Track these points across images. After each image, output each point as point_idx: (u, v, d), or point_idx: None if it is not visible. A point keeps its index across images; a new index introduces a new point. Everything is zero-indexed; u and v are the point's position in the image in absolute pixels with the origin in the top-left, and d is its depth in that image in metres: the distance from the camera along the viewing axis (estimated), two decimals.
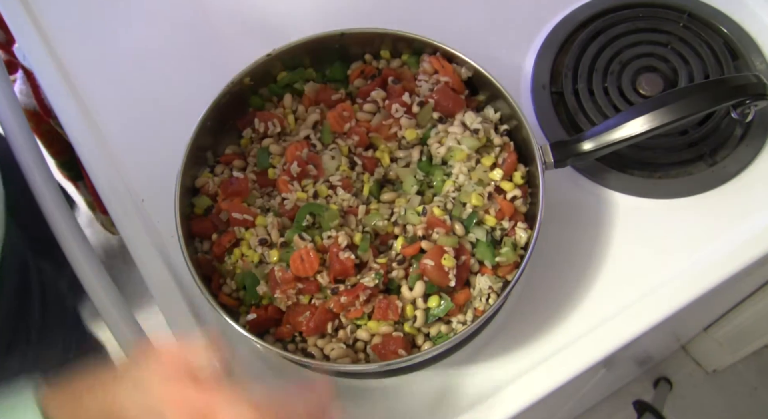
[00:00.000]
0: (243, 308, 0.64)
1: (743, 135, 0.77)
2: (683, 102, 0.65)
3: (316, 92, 0.71)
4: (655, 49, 0.80)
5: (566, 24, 0.83)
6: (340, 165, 0.66)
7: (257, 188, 0.67)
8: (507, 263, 0.62)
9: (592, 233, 0.72)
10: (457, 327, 0.62)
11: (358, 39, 0.72)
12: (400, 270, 0.62)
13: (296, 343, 0.63)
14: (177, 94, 0.81)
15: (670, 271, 0.70)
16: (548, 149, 0.66)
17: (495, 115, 0.69)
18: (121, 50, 0.85)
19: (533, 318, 0.69)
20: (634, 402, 1.45)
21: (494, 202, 0.63)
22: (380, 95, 0.69)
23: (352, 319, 0.61)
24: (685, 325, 1.32)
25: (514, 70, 0.81)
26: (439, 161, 0.67)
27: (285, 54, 0.70)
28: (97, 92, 0.82)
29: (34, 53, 0.85)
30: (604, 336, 0.68)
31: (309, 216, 0.63)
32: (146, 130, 0.79)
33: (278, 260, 0.62)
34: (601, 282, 0.70)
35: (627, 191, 0.75)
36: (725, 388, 1.63)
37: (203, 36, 0.85)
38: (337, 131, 0.69)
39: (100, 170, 0.77)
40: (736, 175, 0.75)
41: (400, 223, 0.64)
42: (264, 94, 0.72)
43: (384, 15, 0.84)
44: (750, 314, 1.24)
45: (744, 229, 0.72)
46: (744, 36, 0.82)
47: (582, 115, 0.78)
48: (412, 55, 0.72)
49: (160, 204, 0.75)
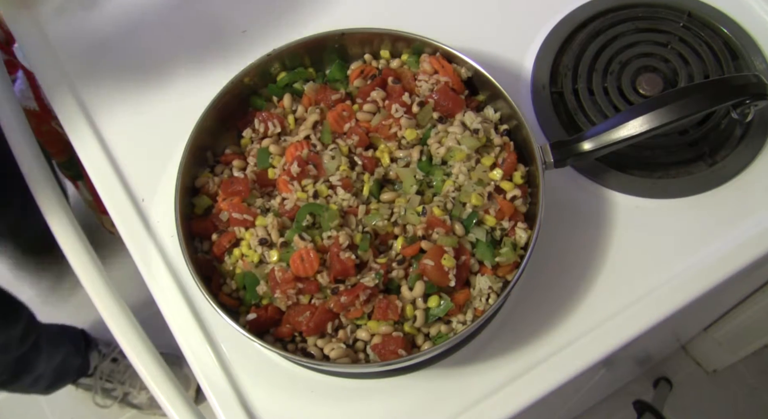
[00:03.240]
0: (243, 308, 0.64)
1: (743, 135, 0.77)
2: (683, 102, 0.64)
3: (316, 92, 0.71)
4: (655, 49, 0.80)
5: (566, 24, 0.83)
6: (340, 165, 0.66)
7: (257, 188, 0.67)
8: (507, 263, 0.62)
9: (592, 233, 0.72)
10: (457, 327, 0.62)
11: (358, 39, 0.72)
12: (400, 270, 0.62)
13: (296, 343, 0.63)
14: (177, 94, 0.81)
15: (670, 271, 0.70)
16: (548, 149, 0.66)
17: (495, 115, 0.69)
18: (121, 50, 0.85)
19: (533, 318, 0.69)
20: (634, 402, 1.45)
21: (494, 202, 0.63)
22: (380, 95, 0.69)
23: (352, 319, 0.62)
24: (685, 325, 1.32)
25: (514, 70, 0.81)
26: (439, 161, 0.67)
27: (285, 54, 0.70)
28: (97, 92, 0.82)
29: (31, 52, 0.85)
30: (604, 336, 0.68)
31: (309, 216, 0.63)
32: (146, 130, 0.79)
33: (278, 260, 0.62)
34: (601, 282, 0.70)
35: (627, 191, 0.75)
36: (725, 388, 1.63)
37: (203, 36, 0.85)
38: (337, 131, 0.69)
39: (100, 170, 0.77)
40: (736, 175, 0.75)
41: (400, 223, 0.64)
42: (264, 94, 0.72)
43: (384, 15, 0.84)
44: (750, 314, 1.24)
45: (744, 229, 0.72)
46: (744, 36, 0.82)
47: (582, 115, 0.78)
48: (412, 55, 0.72)
49: (160, 204, 0.75)
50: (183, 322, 0.70)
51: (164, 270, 0.72)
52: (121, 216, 0.75)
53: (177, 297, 0.70)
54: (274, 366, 0.69)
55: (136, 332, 0.69)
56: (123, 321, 0.69)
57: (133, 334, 0.69)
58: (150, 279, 0.72)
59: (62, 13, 0.87)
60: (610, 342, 0.68)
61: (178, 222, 0.64)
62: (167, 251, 0.73)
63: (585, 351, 0.67)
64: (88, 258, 0.72)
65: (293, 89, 0.72)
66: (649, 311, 0.69)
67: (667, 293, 0.69)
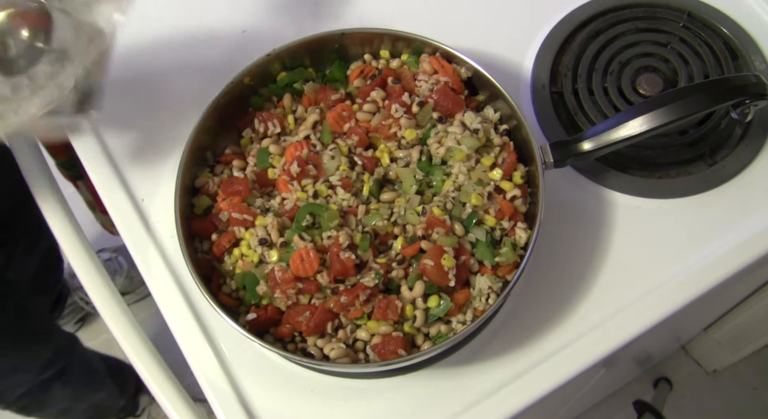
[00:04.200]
0: (243, 308, 0.64)
1: (743, 135, 0.77)
2: (683, 102, 0.64)
3: (316, 92, 0.71)
4: (655, 49, 0.80)
5: (566, 24, 0.83)
6: (340, 165, 0.66)
7: (257, 188, 0.67)
8: (507, 263, 0.62)
9: (592, 233, 0.72)
10: (457, 327, 0.62)
11: (357, 39, 0.72)
12: (399, 270, 0.62)
13: (296, 343, 0.63)
14: (177, 93, 0.81)
15: (670, 271, 0.70)
16: (548, 149, 0.66)
17: (495, 115, 0.69)
18: (120, 50, 0.85)
19: (533, 318, 0.69)
20: (634, 402, 1.45)
21: (494, 202, 0.63)
22: (380, 95, 0.69)
23: (352, 319, 0.61)
24: (685, 325, 1.32)
25: (514, 70, 0.81)
26: (438, 161, 0.67)
27: (285, 54, 0.70)
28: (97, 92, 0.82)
29: None
30: (604, 336, 0.68)
31: (309, 216, 0.63)
32: (146, 130, 0.79)
33: (278, 260, 0.62)
34: (601, 282, 0.70)
35: (627, 191, 0.75)
36: (725, 388, 1.63)
37: (203, 36, 0.85)
38: (337, 131, 0.69)
39: (100, 170, 0.77)
40: (736, 175, 0.75)
41: (400, 223, 0.64)
42: (264, 94, 0.72)
43: (384, 15, 0.84)
44: (750, 314, 1.24)
45: (744, 229, 0.72)
46: (744, 36, 0.82)
47: (582, 115, 0.78)
48: (412, 55, 0.72)
49: (160, 204, 0.75)
50: (183, 322, 0.69)
51: (164, 270, 0.72)
52: (121, 216, 0.74)
53: (177, 297, 0.70)
54: (274, 366, 0.69)
55: (136, 331, 0.69)
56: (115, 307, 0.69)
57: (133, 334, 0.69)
58: (150, 279, 0.72)
59: None
60: (610, 342, 0.68)
61: (178, 223, 0.64)
62: (167, 251, 0.73)
63: (585, 351, 0.67)
64: (91, 263, 0.72)
65: (293, 89, 0.72)
66: (649, 311, 0.69)
67: (667, 293, 0.69)
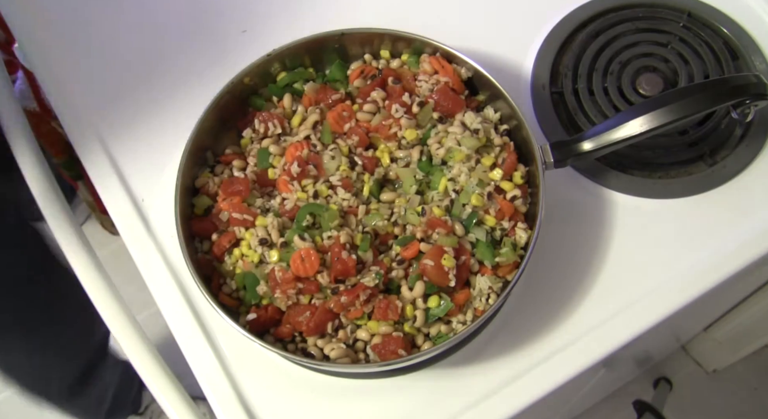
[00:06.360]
0: (243, 308, 0.64)
1: (743, 135, 0.77)
2: (683, 102, 0.64)
3: (316, 92, 0.71)
4: (655, 49, 0.80)
5: (566, 24, 0.83)
6: (340, 165, 0.66)
7: (257, 188, 0.67)
8: (507, 263, 0.62)
9: (592, 233, 0.72)
10: (457, 327, 0.62)
11: (357, 39, 0.72)
12: (400, 270, 0.62)
13: (296, 343, 0.63)
14: (177, 94, 0.81)
15: (670, 271, 0.70)
16: (548, 149, 0.66)
17: (495, 115, 0.69)
18: (120, 50, 0.85)
19: (533, 318, 0.69)
20: (634, 402, 1.45)
21: (494, 202, 0.63)
22: (380, 95, 0.69)
23: (352, 319, 0.61)
24: (685, 325, 1.32)
25: (514, 70, 0.81)
26: (439, 161, 0.67)
27: (285, 54, 0.70)
28: (97, 92, 0.82)
29: (32, 52, 0.85)
30: (604, 336, 0.68)
31: (309, 216, 0.63)
32: (146, 130, 0.79)
33: (278, 260, 0.62)
34: (601, 282, 0.70)
35: (627, 191, 0.75)
36: (725, 388, 1.63)
37: (203, 36, 0.85)
38: (337, 131, 0.69)
39: (100, 170, 0.77)
40: (736, 175, 0.75)
41: (400, 223, 0.64)
42: (264, 94, 0.72)
43: (384, 15, 0.84)
44: (750, 314, 1.24)
45: (744, 229, 0.72)
46: (744, 36, 0.82)
47: (582, 115, 0.78)
48: (412, 55, 0.72)
49: (160, 204, 0.75)
50: (183, 322, 0.69)
51: (164, 270, 0.72)
52: (121, 216, 0.75)
53: (177, 297, 0.70)
54: (274, 366, 0.69)
55: (136, 330, 0.69)
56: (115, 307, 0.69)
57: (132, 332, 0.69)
58: (150, 279, 0.72)
59: (63, 11, 0.87)
60: (610, 342, 0.68)
61: (178, 223, 0.64)
62: (167, 251, 0.73)
63: (585, 351, 0.67)
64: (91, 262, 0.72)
65: (293, 89, 0.72)
66: (649, 311, 0.69)
67: (667, 293, 0.69)
